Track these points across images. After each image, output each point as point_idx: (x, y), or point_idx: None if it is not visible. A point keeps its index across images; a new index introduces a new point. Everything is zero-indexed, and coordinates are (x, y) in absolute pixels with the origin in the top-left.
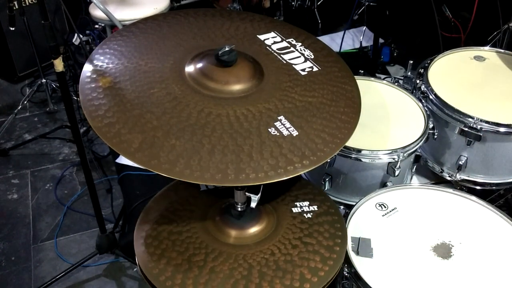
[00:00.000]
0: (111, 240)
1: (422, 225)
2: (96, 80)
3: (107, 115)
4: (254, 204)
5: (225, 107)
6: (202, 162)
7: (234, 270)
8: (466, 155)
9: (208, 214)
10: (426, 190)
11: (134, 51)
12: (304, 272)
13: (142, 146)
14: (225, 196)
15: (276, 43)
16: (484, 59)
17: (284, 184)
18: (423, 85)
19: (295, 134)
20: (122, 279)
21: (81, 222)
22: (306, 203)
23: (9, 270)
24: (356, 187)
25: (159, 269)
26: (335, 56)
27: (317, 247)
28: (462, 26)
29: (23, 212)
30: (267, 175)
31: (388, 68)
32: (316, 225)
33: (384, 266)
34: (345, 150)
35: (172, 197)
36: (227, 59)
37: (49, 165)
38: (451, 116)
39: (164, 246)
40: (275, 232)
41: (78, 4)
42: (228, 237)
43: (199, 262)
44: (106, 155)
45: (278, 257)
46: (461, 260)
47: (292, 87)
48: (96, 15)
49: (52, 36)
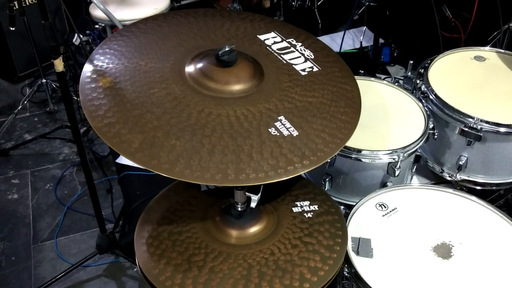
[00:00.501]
0: (111, 240)
1: (422, 225)
2: (96, 80)
3: (107, 115)
4: (254, 204)
5: (225, 107)
6: (202, 162)
7: (234, 270)
8: (466, 155)
9: (208, 214)
10: (426, 190)
11: (134, 51)
12: (304, 272)
13: (142, 146)
14: (225, 196)
15: (276, 43)
16: (484, 59)
17: (284, 184)
18: (423, 85)
19: (295, 134)
20: (122, 279)
21: (81, 222)
22: (306, 202)
23: (9, 270)
24: (356, 187)
25: (159, 269)
26: (335, 56)
27: (317, 247)
28: (462, 26)
29: (23, 212)
30: (267, 175)
31: (388, 68)
32: (316, 224)
33: (384, 266)
34: (345, 150)
35: (173, 198)
36: (227, 59)
37: (49, 165)
38: (451, 116)
39: (164, 246)
40: (275, 231)
41: (78, 4)
42: (228, 237)
43: (199, 262)
44: (106, 155)
45: (278, 257)
46: (461, 260)
47: (292, 87)
48: (96, 15)
49: (52, 36)
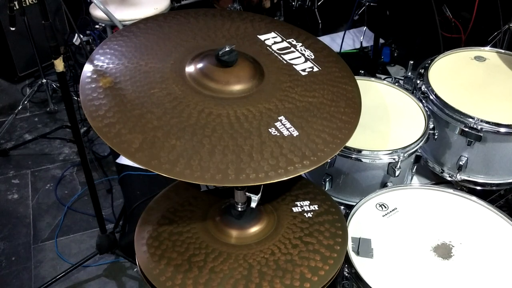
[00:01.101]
0: (112, 240)
1: (422, 225)
2: (96, 80)
3: (108, 115)
4: (255, 204)
5: (225, 107)
6: (202, 162)
7: (234, 270)
8: (466, 155)
9: (209, 215)
10: (426, 190)
11: (135, 51)
12: (304, 272)
13: (143, 146)
14: (226, 197)
15: (276, 43)
16: (485, 59)
17: (284, 184)
18: (424, 85)
19: (295, 134)
20: (123, 279)
21: (81, 222)
22: (306, 202)
23: (9, 270)
24: (356, 187)
25: (160, 269)
26: (336, 57)
27: (317, 246)
28: (463, 26)
29: (23, 212)
30: (267, 175)
31: (389, 68)
32: (316, 224)
33: (384, 267)
34: (346, 150)
35: (173, 198)
36: (228, 59)
37: (49, 165)
38: (452, 116)
39: (164, 246)
40: (276, 231)
41: (79, 4)
42: (228, 237)
43: (199, 263)
44: (107, 155)
45: (278, 257)
46: (462, 260)
47: (292, 87)
48: (97, 15)
49: (52, 36)
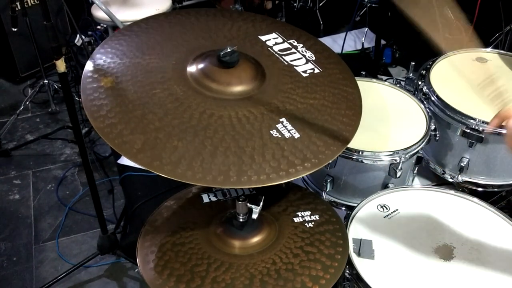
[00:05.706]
0: (113, 241)
1: (424, 226)
2: (97, 80)
3: (109, 116)
4: (256, 215)
5: (227, 109)
6: (204, 163)
7: (236, 279)
8: (468, 156)
9: (211, 225)
10: (427, 191)
11: (136, 50)
12: (305, 280)
13: (144, 147)
14: (227, 208)
15: (277, 44)
16: (486, 60)
17: (285, 194)
18: (425, 87)
19: (296, 136)
20: (124, 279)
21: (82, 223)
22: (307, 212)
23: (10, 271)
24: (357, 189)
25: (162, 279)
26: (336, 58)
27: (318, 256)
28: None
29: (24, 212)
30: (269, 178)
31: (390, 69)
32: (317, 234)
33: (385, 268)
34: (347, 151)
35: (175, 210)
36: (229, 60)
37: (51, 166)
38: (453, 117)
39: (167, 257)
40: (277, 241)
41: (80, 5)
42: (230, 248)
43: (202, 272)
44: (108, 156)
45: (279, 266)
46: (463, 262)
47: (293, 89)
48: (98, 16)
49: (54, 37)
